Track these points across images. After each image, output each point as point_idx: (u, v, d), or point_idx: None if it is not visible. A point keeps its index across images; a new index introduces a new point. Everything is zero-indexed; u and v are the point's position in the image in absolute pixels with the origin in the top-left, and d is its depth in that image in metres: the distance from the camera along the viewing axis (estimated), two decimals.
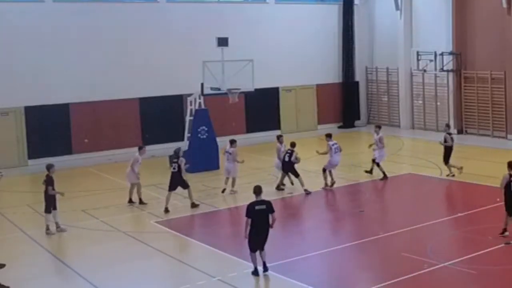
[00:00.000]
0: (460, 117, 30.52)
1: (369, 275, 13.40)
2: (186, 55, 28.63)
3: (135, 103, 28.64)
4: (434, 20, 31.38)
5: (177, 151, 18.88)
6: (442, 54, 29.99)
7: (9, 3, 26.38)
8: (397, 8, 32.51)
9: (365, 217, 17.61)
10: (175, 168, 18.57)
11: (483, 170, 21.78)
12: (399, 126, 33.36)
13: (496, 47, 28.60)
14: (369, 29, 34.98)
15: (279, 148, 20.78)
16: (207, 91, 23.41)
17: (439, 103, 31.69)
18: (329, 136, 21.04)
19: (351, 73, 34.69)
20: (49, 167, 16.72)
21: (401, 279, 12.61)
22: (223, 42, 23.88)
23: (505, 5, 27.76)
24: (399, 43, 32.77)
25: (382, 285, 12.39)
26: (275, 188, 20.33)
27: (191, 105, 24.53)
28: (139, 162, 19.42)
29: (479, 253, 13.92)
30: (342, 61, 34.47)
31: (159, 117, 28.80)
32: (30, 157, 26.33)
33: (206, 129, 23.93)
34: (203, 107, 24.22)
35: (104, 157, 26.97)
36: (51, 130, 26.65)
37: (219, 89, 23.55)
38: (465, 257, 13.65)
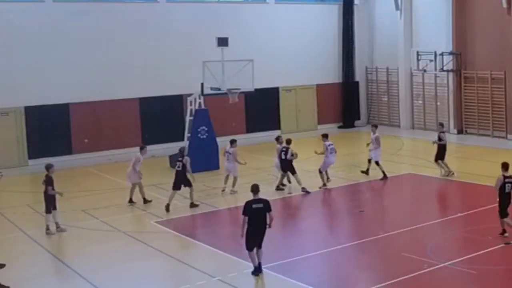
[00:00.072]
0: (460, 117, 30.51)
1: (369, 275, 13.39)
2: (186, 55, 28.64)
3: (135, 103, 28.64)
4: (434, 20, 31.37)
5: (182, 149, 19.15)
6: (442, 54, 29.98)
7: (9, 3, 26.38)
8: (397, 8, 32.49)
9: (365, 217, 17.62)
10: (179, 166, 18.71)
11: (483, 170, 21.73)
12: (399, 126, 33.36)
13: (496, 47, 28.59)
14: (369, 29, 34.97)
15: (279, 148, 20.78)
16: (207, 91, 23.40)
17: (439, 103, 31.68)
18: (326, 136, 21.05)
19: (351, 73, 34.69)
20: (49, 167, 16.74)
21: (401, 279, 12.61)
22: (223, 42, 23.86)
23: (505, 5, 27.75)
24: (399, 43, 32.76)
25: (382, 285, 12.39)
26: (275, 188, 20.35)
27: (191, 105, 24.52)
28: (141, 162, 19.45)
29: (479, 253, 13.91)
30: (342, 61, 34.47)
31: (159, 117, 28.81)
32: (30, 157, 26.34)
33: (206, 129, 23.93)
34: (203, 107, 24.21)
35: (104, 157, 26.98)
36: (51, 130, 26.66)
37: (219, 89, 23.54)
38: (465, 257, 13.64)
